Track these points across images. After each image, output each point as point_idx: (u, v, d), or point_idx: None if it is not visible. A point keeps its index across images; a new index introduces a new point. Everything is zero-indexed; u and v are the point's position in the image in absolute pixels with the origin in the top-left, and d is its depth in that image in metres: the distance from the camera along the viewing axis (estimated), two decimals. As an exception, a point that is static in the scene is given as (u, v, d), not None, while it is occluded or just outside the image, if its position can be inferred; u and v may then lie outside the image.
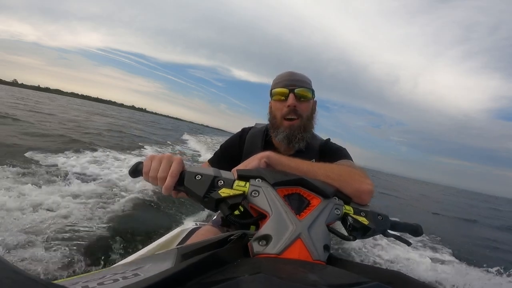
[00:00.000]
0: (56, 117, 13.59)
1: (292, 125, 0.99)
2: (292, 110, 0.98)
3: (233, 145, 1.16)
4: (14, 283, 0.18)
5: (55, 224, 2.39)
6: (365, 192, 0.66)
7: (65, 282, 0.35)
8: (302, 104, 1.00)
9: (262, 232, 0.47)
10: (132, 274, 0.37)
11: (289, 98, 0.97)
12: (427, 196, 21.27)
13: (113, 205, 3.14)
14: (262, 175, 0.56)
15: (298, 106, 0.98)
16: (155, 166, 0.60)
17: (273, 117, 1.04)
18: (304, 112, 1.00)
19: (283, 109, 0.99)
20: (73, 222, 2.53)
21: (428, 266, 3.55)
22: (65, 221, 2.49)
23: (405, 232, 0.72)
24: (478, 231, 8.37)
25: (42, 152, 4.95)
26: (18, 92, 47.62)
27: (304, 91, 0.99)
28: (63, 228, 2.36)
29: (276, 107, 1.02)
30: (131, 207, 3.21)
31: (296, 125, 0.99)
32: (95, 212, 2.85)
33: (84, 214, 2.74)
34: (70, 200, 3.00)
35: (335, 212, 0.56)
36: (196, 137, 19.70)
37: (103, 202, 3.19)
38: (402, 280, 0.38)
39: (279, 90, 1.00)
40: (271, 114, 1.07)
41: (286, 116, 0.99)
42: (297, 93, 0.98)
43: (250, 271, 0.33)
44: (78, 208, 2.83)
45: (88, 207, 2.93)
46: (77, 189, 3.38)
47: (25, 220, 2.33)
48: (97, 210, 2.92)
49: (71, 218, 2.59)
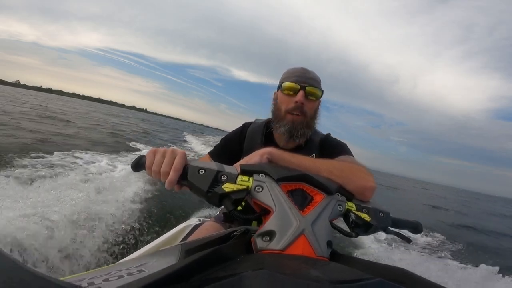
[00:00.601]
0: (94, 119, 16.27)
1: (295, 120, 0.98)
2: (299, 106, 0.97)
3: (234, 139, 1.16)
4: (21, 280, 0.19)
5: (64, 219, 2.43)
6: (368, 188, 0.66)
7: (71, 279, 0.35)
8: (309, 103, 0.99)
9: (266, 228, 0.46)
10: (136, 270, 0.38)
11: (299, 94, 0.96)
12: (425, 194, 22.29)
13: (117, 202, 3.17)
14: (265, 170, 0.55)
15: (305, 104, 0.98)
16: (158, 160, 0.59)
17: (278, 109, 1.03)
18: (310, 111, 1.00)
19: (290, 104, 0.98)
20: (78, 218, 2.56)
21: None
22: (71, 217, 2.53)
23: (405, 229, 0.72)
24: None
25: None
26: (31, 94, 49.87)
27: (314, 90, 0.98)
28: (70, 223, 2.39)
29: (283, 100, 1.01)
30: (136, 203, 3.23)
31: (299, 121, 0.99)
32: (99, 210, 2.87)
33: (90, 210, 2.77)
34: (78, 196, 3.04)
35: (338, 209, 0.56)
36: (205, 138, 20.10)
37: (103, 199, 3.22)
38: (407, 277, 0.37)
39: (290, 84, 0.98)
40: (275, 105, 1.06)
41: (291, 111, 0.98)
42: (307, 91, 0.97)
43: (253, 267, 0.33)
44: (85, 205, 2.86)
45: (91, 203, 2.96)
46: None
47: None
48: (100, 206, 2.95)
49: (79, 214, 2.63)
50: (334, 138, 1.12)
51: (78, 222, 2.45)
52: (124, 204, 3.16)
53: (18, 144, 5.16)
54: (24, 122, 8.59)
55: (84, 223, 2.50)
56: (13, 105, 15.23)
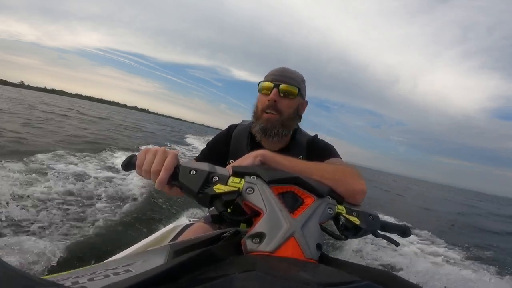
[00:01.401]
0: (134, 122, 19.87)
1: (269, 118, 0.98)
2: (272, 104, 0.97)
3: (220, 142, 1.15)
4: (3, 278, 0.18)
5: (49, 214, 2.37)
6: (359, 192, 0.67)
7: (55, 278, 0.34)
8: (284, 100, 0.98)
9: (256, 229, 0.46)
10: (123, 270, 0.37)
11: (272, 92, 0.96)
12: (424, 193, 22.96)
13: (106, 200, 3.11)
14: (257, 172, 0.56)
15: (279, 102, 0.97)
16: (149, 160, 0.58)
17: (256, 109, 1.04)
18: (285, 109, 0.99)
19: (265, 103, 0.98)
20: (64, 215, 2.50)
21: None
22: (57, 214, 2.46)
23: (394, 233, 0.73)
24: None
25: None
26: (42, 96, 51.34)
27: (288, 87, 0.97)
28: (54, 222, 2.33)
29: (260, 99, 1.02)
30: (125, 202, 3.18)
31: (274, 119, 0.98)
32: (87, 208, 2.81)
33: (76, 209, 2.71)
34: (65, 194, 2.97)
35: (328, 212, 0.56)
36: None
37: (95, 197, 3.16)
38: (393, 280, 0.38)
39: (265, 84, 0.99)
40: (255, 106, 1.07)
41: (265, 109, 0.98)
42: (281, 88, 0.97)
43: (243, 268, 0.33)
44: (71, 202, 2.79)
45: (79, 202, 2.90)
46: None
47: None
48: (89, 205, 2.89)
49: (67, 211, 2.57)
50: (322, 139, 1.12)
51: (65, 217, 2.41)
52: (113, 201, 3.11)
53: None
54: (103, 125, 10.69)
55: (70, 219, 2.45)
56: (66, 113, 15.71)
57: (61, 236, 2.17)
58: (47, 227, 2.24)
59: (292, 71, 1.02)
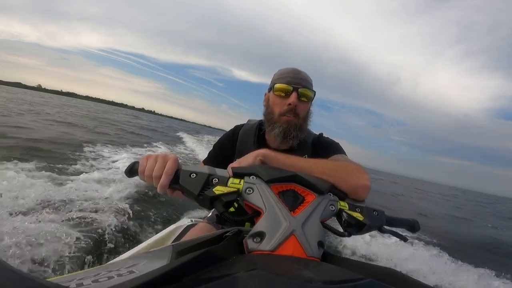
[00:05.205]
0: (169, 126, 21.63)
1: (289, 121, 0.97)
2: (293, 109, 0.96)
3: (226, 142, 1.15)
4: (8, 281, 0.18)
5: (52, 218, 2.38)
6: (362, 187, 0.66)
7: (59, 280, 0.34)
8: (302, 104, 0.98)
9: (256, 229, 0.47)
10: (127, 271, 0.37)
11: (292, 96, 0.95)
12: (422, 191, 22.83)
13: (108, 202, 3.12)
14: (256, 172, 0.56)
15: (298, 106, 0.97)
16: (151, 165, 0.60)
17: (270, 112, 1.02)
18: (302, 112, 0.99)
19: (283, 107, 0.97)
20: (68, 218, 2.50)
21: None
22: (61, 217, 2.47)
23: (401, 228, 0.71)
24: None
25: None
26: (65, 100, 56.04)
27: (307, 92, 0.97)
28: (58, 224, 2.34)
29: (276, 102, 1.00)
30: (127, 204, 3.19)
31: (293, 123, 0.98)
32: (88, 210, 2.82)
33: (79, 211, 2.72)
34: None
35: (330, 208, 0.56)
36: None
37: (97, 199, 3.17)
38: (396, 277, 0.38)
39: (282, 86, 0.97)
40: (268, 108, 1.04)
41: (285, 113, 0.97)
42: (300, 92, 0.96)
43: (245, 267, 0.33)
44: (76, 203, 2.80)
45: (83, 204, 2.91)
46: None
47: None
48: (91, 207, 2.90)
49: (70, 213, 2.57)
50: (327, 137, 1.11)
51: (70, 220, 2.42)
52: (115, 203, 3.12)
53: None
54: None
55: (74, 222, 2.46)
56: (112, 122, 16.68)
57: (64, 238, 2.17)
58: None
59: (305, 73, 1.01)
